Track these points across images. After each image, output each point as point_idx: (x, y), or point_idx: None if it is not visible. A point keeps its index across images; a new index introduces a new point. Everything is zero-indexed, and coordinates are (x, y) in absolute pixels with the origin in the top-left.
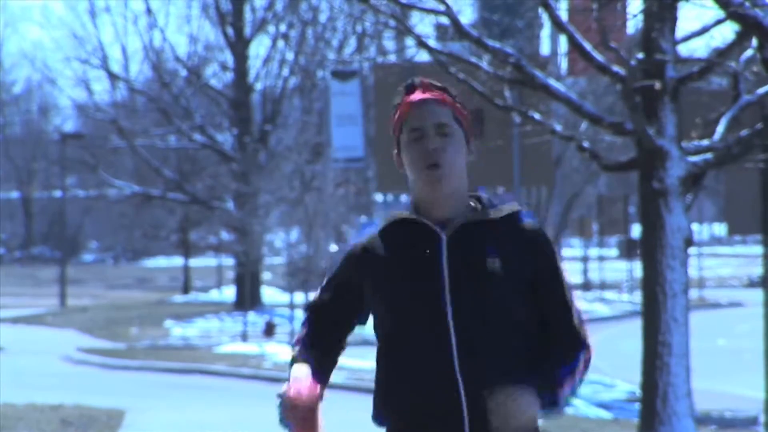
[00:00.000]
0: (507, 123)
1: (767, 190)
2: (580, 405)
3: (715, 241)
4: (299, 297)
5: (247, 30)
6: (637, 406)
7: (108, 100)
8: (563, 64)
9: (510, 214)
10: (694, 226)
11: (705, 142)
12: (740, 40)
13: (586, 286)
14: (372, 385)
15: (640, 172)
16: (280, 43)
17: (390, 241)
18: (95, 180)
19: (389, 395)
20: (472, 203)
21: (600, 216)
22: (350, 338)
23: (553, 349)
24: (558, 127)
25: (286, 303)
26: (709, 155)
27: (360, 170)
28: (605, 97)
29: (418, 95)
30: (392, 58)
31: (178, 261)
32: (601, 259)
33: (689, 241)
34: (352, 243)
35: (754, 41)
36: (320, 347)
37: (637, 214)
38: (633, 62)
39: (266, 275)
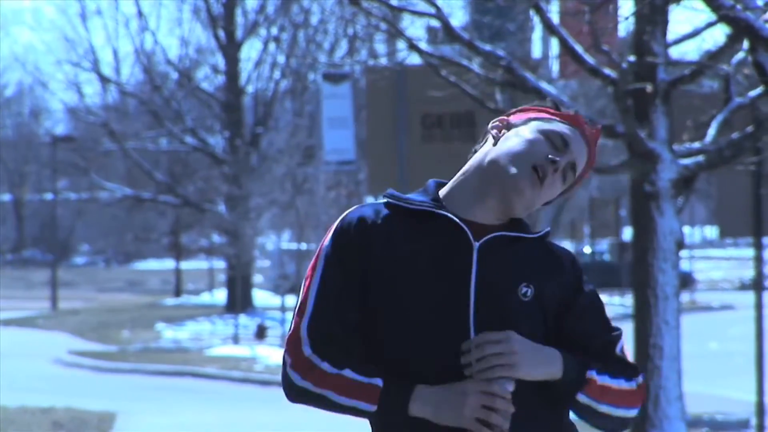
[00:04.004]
0: None
1: (758, 192)
2: None
3: (707, 243)
4: (290, 300)
5: (239, 33)
6: None
7: (99, 103)
8: (554, 66)
9: (545, 234)
10: (686, 229)
11: (696, 145)
12: (731, 43)
13: None
14: None
15: (632, 175)
16: (272, 46)
17: (402, 229)
18: (87, 183)
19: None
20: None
21: (591, 219)
22: None
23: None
24: None
25: (277, 306)
26: (700, 158)
27: (352, 173)
28: (597, 100)
29: (578, 124)
30: (383, 61)
31: (169, 264)
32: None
33: (681, 244)
34: (352, 216)
35: (746, 44)
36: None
37: (628, 217)
38: (624, 65)
39: (257, 278)
